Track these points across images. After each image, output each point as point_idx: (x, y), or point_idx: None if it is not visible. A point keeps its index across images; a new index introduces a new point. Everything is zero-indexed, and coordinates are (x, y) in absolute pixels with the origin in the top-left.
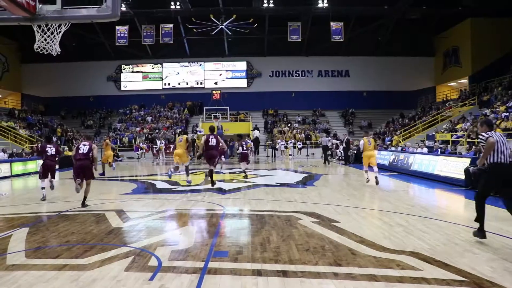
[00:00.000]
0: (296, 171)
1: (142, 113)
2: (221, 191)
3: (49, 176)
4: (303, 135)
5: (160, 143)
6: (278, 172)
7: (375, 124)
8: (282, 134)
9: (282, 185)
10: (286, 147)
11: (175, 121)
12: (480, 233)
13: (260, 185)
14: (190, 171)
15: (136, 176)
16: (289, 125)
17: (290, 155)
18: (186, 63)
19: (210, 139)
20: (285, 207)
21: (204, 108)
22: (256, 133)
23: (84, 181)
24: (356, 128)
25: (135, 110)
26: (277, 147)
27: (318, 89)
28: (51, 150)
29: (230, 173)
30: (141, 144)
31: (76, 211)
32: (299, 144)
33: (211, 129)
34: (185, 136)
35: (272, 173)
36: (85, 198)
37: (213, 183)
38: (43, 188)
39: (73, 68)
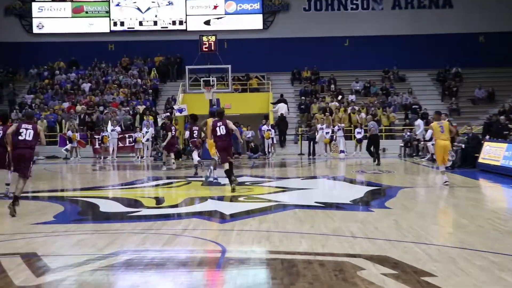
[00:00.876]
0: (352, 181)
1: (74, 76)
2: (216, 216)
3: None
4: (363, 115)
5: (107, 131)
6: (319, 183)
7: (500, 94)
8: (327, 114)
9: (327, 206)
10: (333, 138)
11: (135, 92)
12: None
13: (288, 206)
14: (163, 181)
15: (62, 190)
16: (339, 98)
17: (341, 151)
18: None
19: (218, 127)
20: (334, 247)
21: (187, 67)
22: (282, 108)
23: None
24: (465, 102)
25: (61, 71)
26: (317, 138)
27: (393, 32)
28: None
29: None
30: (69, 133)
31: None
32: (358, 133)
33: (220, 112)
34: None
35: (309, 185)
36: (16, 198)
37: (232, 188)
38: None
39: None
